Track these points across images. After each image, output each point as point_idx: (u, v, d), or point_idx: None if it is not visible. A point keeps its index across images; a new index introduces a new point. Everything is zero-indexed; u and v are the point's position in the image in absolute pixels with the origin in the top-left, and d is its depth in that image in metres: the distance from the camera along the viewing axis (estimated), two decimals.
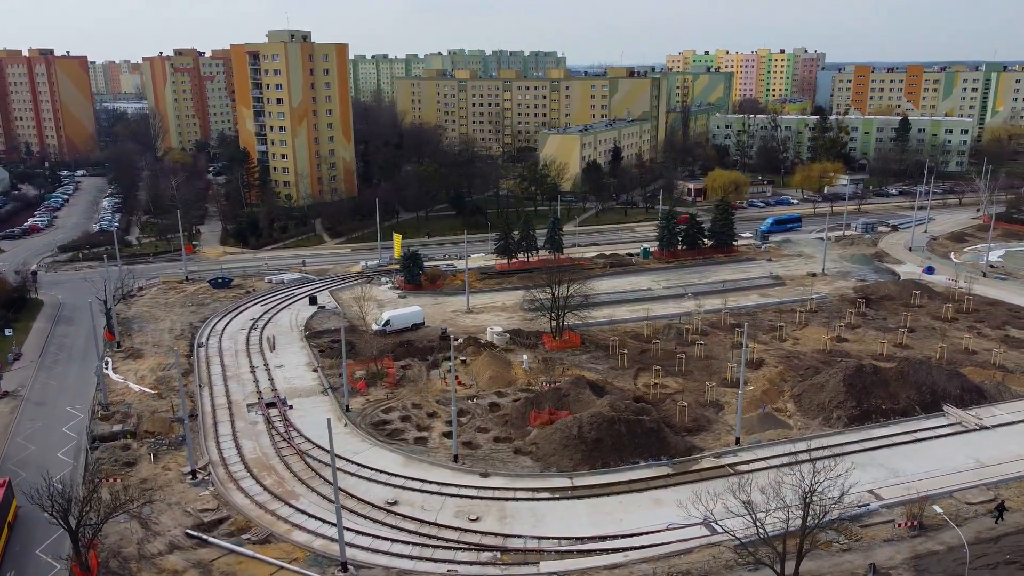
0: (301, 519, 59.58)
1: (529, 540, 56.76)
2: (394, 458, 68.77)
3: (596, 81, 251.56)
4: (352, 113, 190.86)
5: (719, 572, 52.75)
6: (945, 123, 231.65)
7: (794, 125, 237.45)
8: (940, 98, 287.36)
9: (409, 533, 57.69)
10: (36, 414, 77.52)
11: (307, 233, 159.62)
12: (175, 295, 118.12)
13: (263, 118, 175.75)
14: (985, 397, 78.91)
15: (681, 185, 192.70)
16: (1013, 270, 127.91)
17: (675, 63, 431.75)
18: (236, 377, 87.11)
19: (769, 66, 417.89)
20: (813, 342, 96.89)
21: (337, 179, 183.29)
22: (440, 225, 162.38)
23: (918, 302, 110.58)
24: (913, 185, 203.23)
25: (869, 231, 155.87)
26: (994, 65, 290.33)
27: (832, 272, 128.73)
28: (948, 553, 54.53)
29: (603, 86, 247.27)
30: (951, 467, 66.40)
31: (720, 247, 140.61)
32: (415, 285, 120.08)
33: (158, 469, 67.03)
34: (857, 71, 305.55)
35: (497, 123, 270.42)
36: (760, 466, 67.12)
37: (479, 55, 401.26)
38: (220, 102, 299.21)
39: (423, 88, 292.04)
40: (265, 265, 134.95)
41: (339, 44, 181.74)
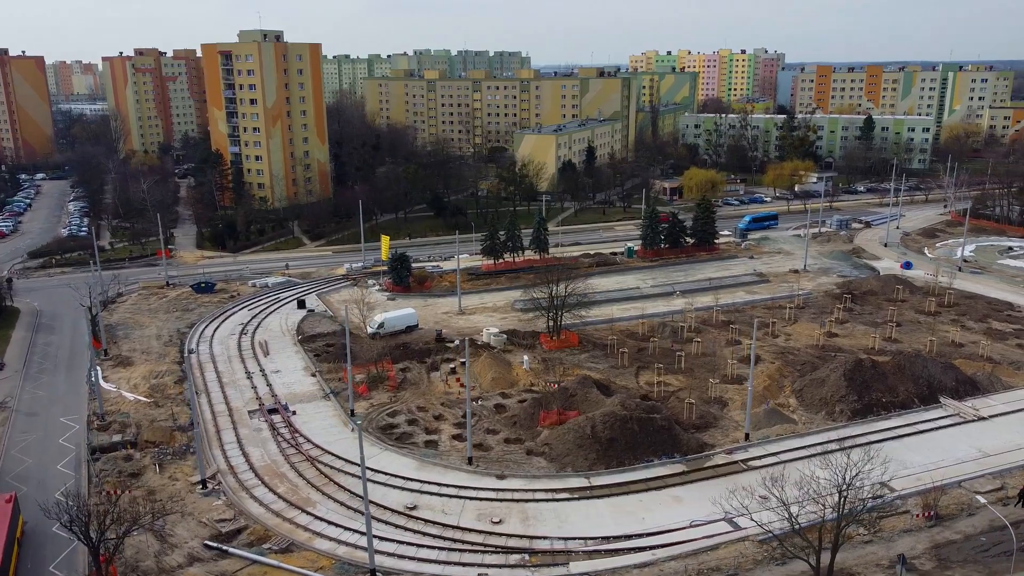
0: (321, 526, 58.58)
1: (555, 541, 56.63)
2: (407, 462, 68.04)
3: (566, 81, 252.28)
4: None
5: (748, 567, 53.19)
6: (907, 122, 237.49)
7: (762, 124, 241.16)
8: (899, 97, 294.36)
9: (433, 538, 57.14)
10: (28, 426, 75.01)
11: (285, 236, 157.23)
12: (157, 300, 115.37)
13: (236, 119, 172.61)
14: (979, 388, 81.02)
15: (656, 184, 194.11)
16: (986, 264, 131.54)
17: (638, 63, 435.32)
18: (233, 383, 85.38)
19: (731, 66, 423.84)
20: (805, 338, 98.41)
21: (312, 181, 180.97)
22: (421, 226, 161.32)
23: (900, 297, 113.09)
24: (879, 182, 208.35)
25: (844, 228, 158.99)
26: (950, 65, 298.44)
27: (813, 268, 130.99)
28: (966, 542, 55.82)
29: (573, 86, 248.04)
30: (955, 457, 67.97)
31: (702, 245, 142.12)
32: (403, 287, 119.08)
33: (165, 479, 65.38)
34: (819, 71, 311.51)
35: (467, 123, 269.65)
36: (771, 461, 67.95)
37: (445, 55, 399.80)
38: (183, 103, 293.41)
39: (391, 88, 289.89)
40: (246, 269, 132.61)
41: (312, 44, 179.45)
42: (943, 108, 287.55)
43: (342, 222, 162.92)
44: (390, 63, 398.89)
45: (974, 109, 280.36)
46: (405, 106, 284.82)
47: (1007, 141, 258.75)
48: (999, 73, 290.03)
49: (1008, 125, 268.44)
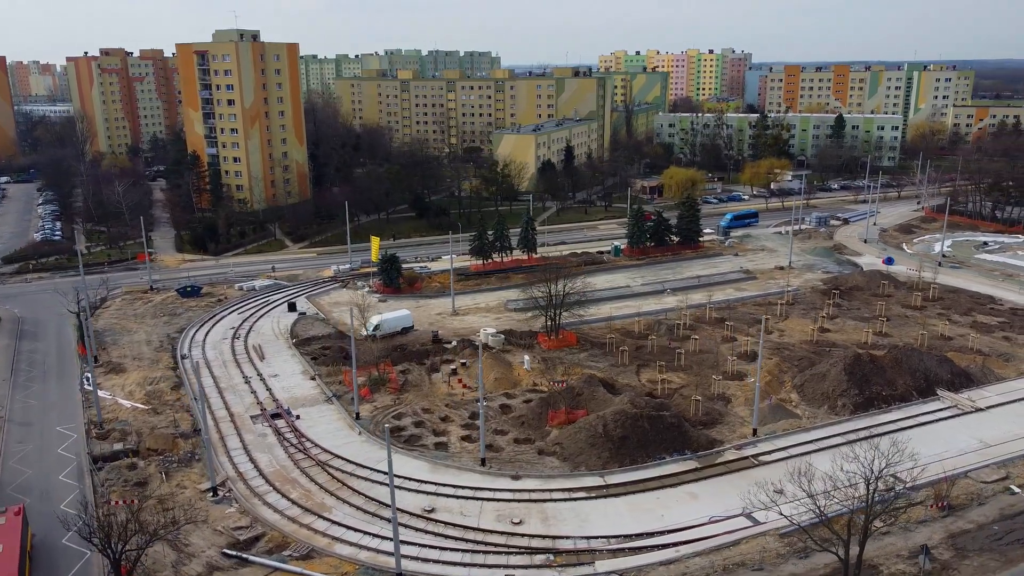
0: (339, 531, 57.83)
1: (578, 541, 56.57)
2: (419, 465, 67.46)
3: (542, 81, 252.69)
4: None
5: (772, 562, 53.66)
6: (877, 120, 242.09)
7: (735, 123, 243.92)
8: (866, 96, 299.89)
9: (455, 540, 56.72)
10: (23, 436, 72.92)
11: (266, 238, 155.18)
12: (142, 305, 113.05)
13: (213, 120, 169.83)
14: (972, 380, 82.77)
15: (636, 183, 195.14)
16: (964, 259, 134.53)
17: (608, 63, 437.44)
18: (231, 388, 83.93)
19: (699, 66, 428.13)
20: (798, 333, 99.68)
21: (291, 182, 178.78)
22: (404, 227, 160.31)
23: (886, 292, 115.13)
24: (852, 180, 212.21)
25: (823, 225, 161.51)
26: (915, 65, 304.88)
27: (798, 265, 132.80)
28: (979, 531, 56.93)
29: (549, 86, 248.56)
30: (958, 448, 69.30)
31: (687, 243, 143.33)
32: (394, 288, 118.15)
33: (172, 488, 64.00)
34: (788, 71, 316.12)
35: (443, 124, 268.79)
36: (781, 456, 68.70)
37: (416, 55, 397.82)
38: (151, 104, 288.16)
39: (364, 89, 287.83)
40: (231, 272, 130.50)
41: (290, 44, 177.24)
42: (908, 107, 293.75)
43: (324, 223, 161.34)
44: (360, 63, 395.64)
45: (938, 107, 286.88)
46: (378, 106, 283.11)
47: (971, 138, 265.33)
48: (961, 72, 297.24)
49: (971, 123, 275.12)
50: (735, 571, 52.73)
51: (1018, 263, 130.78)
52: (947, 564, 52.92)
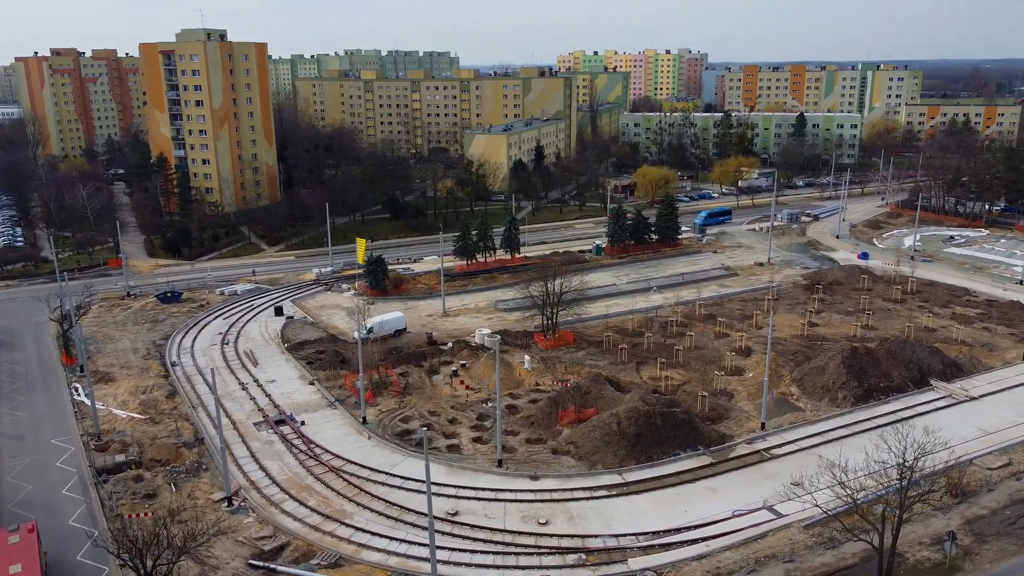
0: (364, 538, 56.89)
1: (607, 539, 56.63)
2: (436, 468, 66.46)
3: (508, 81, 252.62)
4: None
5: (801, 554, 54.40)
6: (836, 118, 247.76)
7: (699, 122, 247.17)
8: (822, 95, 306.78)
9: (484, 542, 56.28)
10: (18, 450, 70.13)
11: (240, 241, 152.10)
12: (122, 312, 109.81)
13: (180, 121, 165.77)
14: (962, 370, 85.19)
15: (607, 182, 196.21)
16: (934, 253, 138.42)
17: (566, 63, 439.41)
18: (229, 395, 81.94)
19: (656, 66, 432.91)
20: (788, 328, 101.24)
21: (261, 184, 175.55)
22: (381, 228, 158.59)
23: (866, 286, 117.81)
24: (816, 177, 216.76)
25: (795, 221, 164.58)
26: (869, 64, 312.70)
27: (777, 261, 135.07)
28: (993, 516, 58.59)
29: (515, 86, 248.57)
30: (960, 436, 71.07)
31: (665, 241, 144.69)
32: (380, 290, 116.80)
33: (184, 499, 62.25)
34: (746, 71, 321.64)
35: (408, 124, 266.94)
36: (791, 449, 69.78)
37: (375, 55, 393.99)
38: (105, 105, 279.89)
39: (326, 89, 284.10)
40: (209, 276, 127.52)
41: (258, 43, 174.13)
42: (863, 105, 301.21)
43: (298, 226, 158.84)
44: (316, 63, 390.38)
45: (892, 106, 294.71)
46: (341, 107, 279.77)
47: (923, 136, 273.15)
48: (911, 72, 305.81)
49: (923, 121, 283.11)
50: (767, 563, 53.35)
51: (986, 256, 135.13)
52: (968, 549, 54.32)
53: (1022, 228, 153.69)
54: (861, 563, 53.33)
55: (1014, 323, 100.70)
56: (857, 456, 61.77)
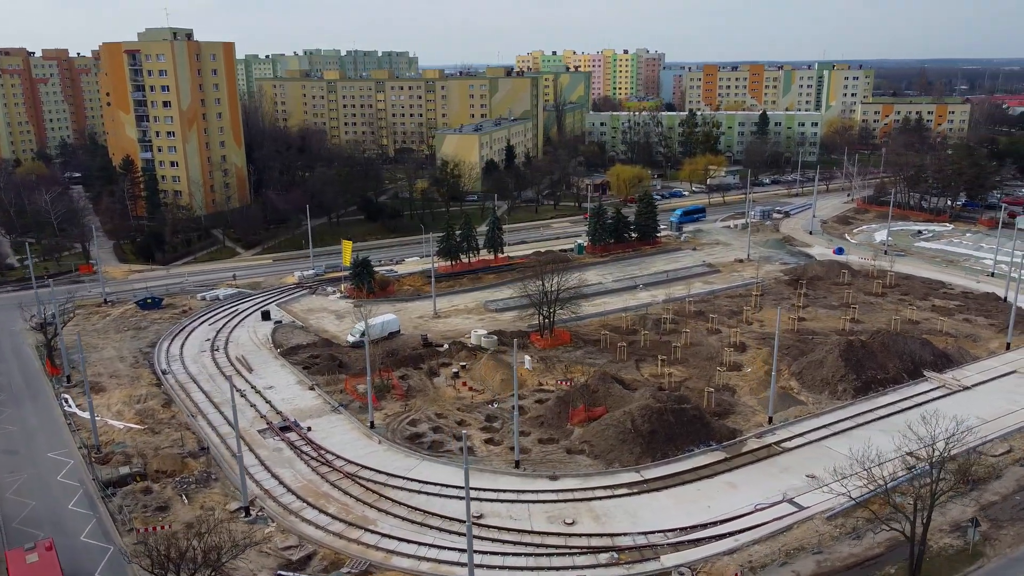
0: (392, 544, 56.05)
1: (636, 537, 56.71)
2: (451, 471, 66.06)
3: (474, 81, 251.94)
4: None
5: (828, 545, 55.21)
6: (798, 117, 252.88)
7: (665, 121, 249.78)
8: (780, 94, 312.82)
9: (514, 544, 55.90)
10: (14, 465, 67.40)
11: (213, 245, 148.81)
12: (101, 319, 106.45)
13: (147, 123, 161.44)
14: (952, 361, 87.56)
15: (579, 181, 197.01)
16: (905, 247, 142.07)
17: (525, 63, 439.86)
18: (227, 403, 79.43)
19: (615, 66, 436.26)
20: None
21: (230, 187, 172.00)
22: (358, 230, 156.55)
23: (846, 280, 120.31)
24: (780, 175, 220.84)
25: (767, 218, 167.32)
26: (825, 64, 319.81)
27: (756, 257, 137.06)
28: (1005, 502, 60.29)
29: (482, 86, 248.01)
30: (958, 426, 72.91)
31: (645, 239, 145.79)
32: (368, 293, 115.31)
33: (197, 510, 60.52)
34: (706, 70, 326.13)
35: (372, 125, 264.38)
36: (800, 442, 70.84)
37: (335, 55, 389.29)
38: (57, 107, 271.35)
39: (287, 89, 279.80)
40: (187, 281, 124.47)
41: (226, 43, 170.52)
42: (820, 104, 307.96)
43: (272, 229, 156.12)
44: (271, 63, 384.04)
45: (848, 104, 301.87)
46: (304, 108, 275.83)
47: (878, 133, 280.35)
48: (864, 71, 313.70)
49: (878, 119, 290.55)
50: (797, 556, 54.03)
51: (955, 250, 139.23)
52: (987, 535, 55.77)
53: (984, 222, 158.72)
54: (887, 552, 54.39)
55: (992, 314, 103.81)
56: (864, 447, 63.50)
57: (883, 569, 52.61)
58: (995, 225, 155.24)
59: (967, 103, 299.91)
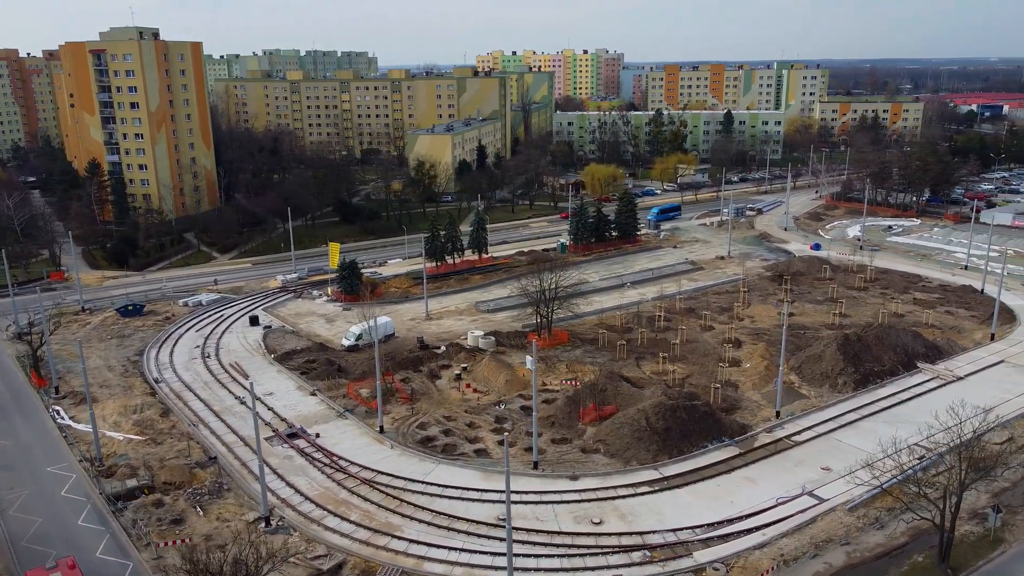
0: (421, 550, 55.18)
1: (666, 534, 56.83)
2: (471, 473, 65.53)
3: (442, 81, 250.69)
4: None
5: (854, 536, 56.03)
6: (761, 116, 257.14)
7: (632, 121, 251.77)
8: (741, 93, 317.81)
9: (545, 546, 55.54)
10: (13, 481, 64.70)
11: (187, 250, 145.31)
12: (80, 328, 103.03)
13: (114, 124, 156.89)
14: (942, 352, 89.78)
15: (554, 180, 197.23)
16: (878, 242, 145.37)
17: (485, 63, 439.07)
18: (228, 411, 78.09)
19: (575, 66, 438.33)
20: (767, 318, 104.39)
21: (200, 190, 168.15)
22: (336, 232, 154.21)
23: (827, 275, 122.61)
24: (748, 172, 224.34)
25: (741, 215, 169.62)
26: (784, 64, 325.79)
27: (736, 254, 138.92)
28: (1015, 488, 61.94)
29: (449, 86, 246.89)
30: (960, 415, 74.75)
31: (625, 238, 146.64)
32: (356, 296, 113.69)
33: (214, 522, 58.89)
34: (668, 70, 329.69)
35: (338, 126, 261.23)
36: (809, 435, 71.85)
37: (294, 55, 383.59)
38: (7, 109, 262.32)
39: (248, 90, 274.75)
40: (165, 287, 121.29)
41: (193, 42, 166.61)
42: (779, 103, 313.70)
43: (246, 232, 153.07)
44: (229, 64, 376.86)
45: (806, 103, 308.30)
46: (266, 109, 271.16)
47: (837, 131, 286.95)
48: (821, 71, 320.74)
49: (836, 117, 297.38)
50: (826, 548, 54.71)
51: (927, 244, 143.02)
52: (1004, 521, 57.19)
53: (950, 217, 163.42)
54: (911, 541, 55.45)
55: (971, 306, 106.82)
56: (872, 439, 65.58)
57: (911, 558, 53.58)
58: (960, 219, 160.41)
59: (920, 102, 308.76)
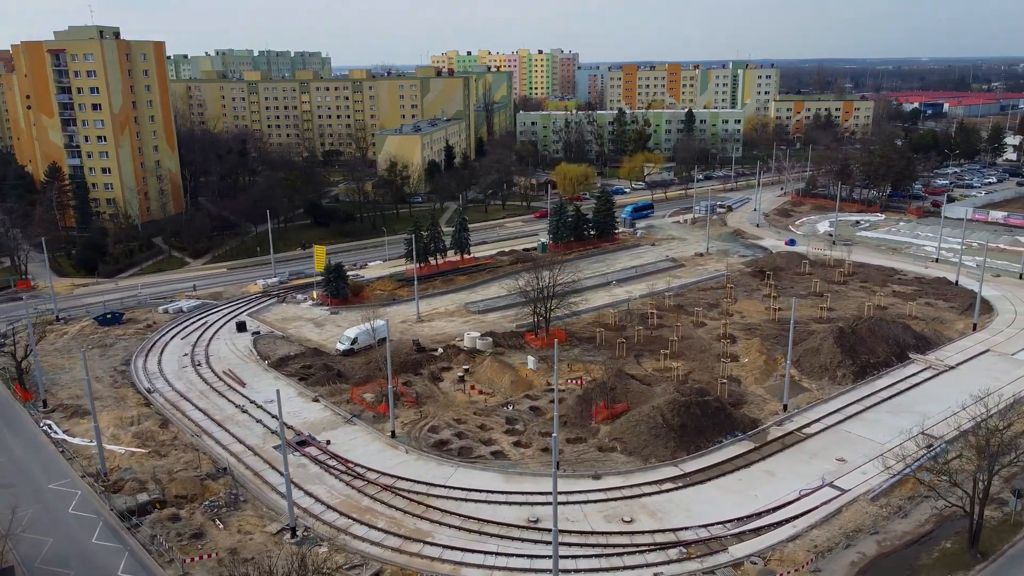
0: (456, 555, 54.41)
1: (698, 530, 57.08)
2: (491, 476, 64.86)
3: (405, 81, 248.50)
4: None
5: (881, 525, 57.05)
6: (721, 114, 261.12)
7: (597, 119, 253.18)
8: (698, 93, 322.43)
9: (580, 547, 55.24)
10: (14, 500, 61.13)
11: (158, 255, 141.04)
12: (58, 338, 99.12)
13: (75, 127, 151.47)
14: (930, 343, 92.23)
15: (523, 180, 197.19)
16: (849, 237, 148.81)
17: (440, 63, 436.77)
18: (230, 420, 75.89)
19: (530, 66, 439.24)
20: (755, 314, 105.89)
21: (165, 193, 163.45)
22: (310, 235, 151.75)
23: (806, 270, 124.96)
24: (711, 170, 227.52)
25: (713, 212, 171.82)
26: (739, 63, 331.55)
27: (714, 251, 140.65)
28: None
29: (412, 86, 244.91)
30: (957, 403, 75.65)
31: (604, 236, 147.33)
32: (342, 299, 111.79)
33: (235, 535, 57.11)
34: (625, 70, 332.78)
35: (299, 127, 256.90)
36: (819, 428, 73.00)
37: (247, 55, 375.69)
38: None
39: (204, 91, 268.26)
40: (141, 294, 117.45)
41: (156, 42, 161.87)
42: (735, 102, 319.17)
43: (216, 236, 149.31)
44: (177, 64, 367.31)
45: (761, 102, 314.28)
46: (223, 110, 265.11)
47: (791, 129, 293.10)
48: (775, 70, 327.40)
49: (791, 115, 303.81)
50: (856, 536, 55.60)
51: (895, 238, 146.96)
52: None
53: (913, 211, 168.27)
54: (936, 528, 56.73)
55: (949, 298, 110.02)
56: (880, 429, 67.46)
57: (939, 544, 54.80)
58: (923, 214, 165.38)
59: (870, 100, 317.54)
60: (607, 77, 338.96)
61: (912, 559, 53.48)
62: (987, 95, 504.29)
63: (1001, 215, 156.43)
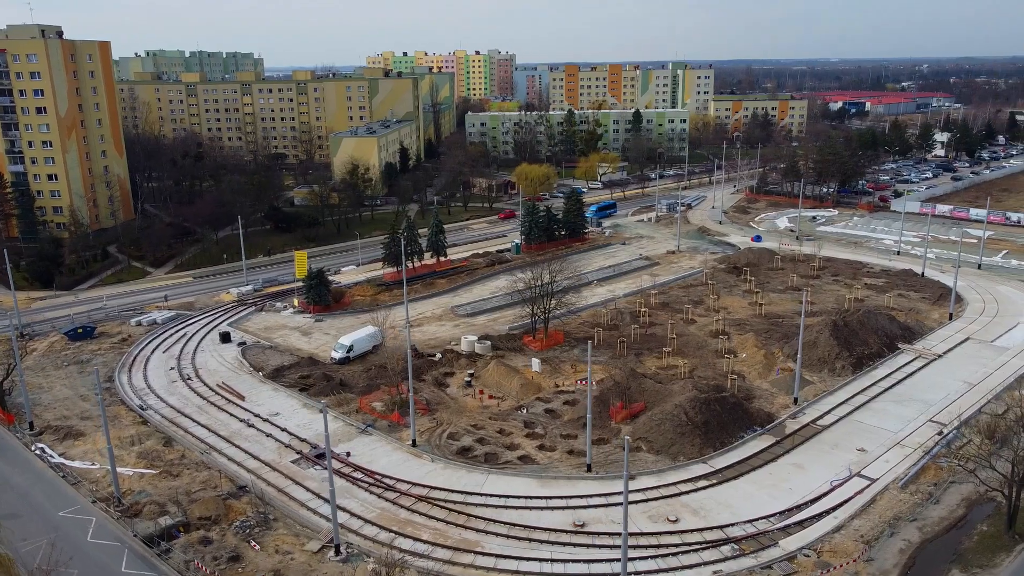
0: (511, 564, 53.35)
1: (744, 526, 57.50)
2: (524, 482, 63.97)
3: (352, 82, 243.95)
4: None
5: (918, 512, 58.54)
6: (668, 114, 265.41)
7: (547, 120, 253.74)
8: (639, 93, 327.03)
9: (632, 548, 54.82)
10: (25, 531, 57.42)
11: (116, 265, 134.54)
12: (27, 355, 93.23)
13: (17, 131, 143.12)
14: (915, 333, 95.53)
15: (483, 182, 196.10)
16: (810, 232, 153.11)
17: (376, 64, 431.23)
18: (237, 435, 72.78)
19: (467, 66, 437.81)
20: (740, 309, 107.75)
21: (115, 200, 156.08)
22: (276, 240, 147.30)
23: (779, 266, 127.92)
24: (662, 169, 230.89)
25: (674, 210, 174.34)
26: (678, 64, 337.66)
27: (684, 249, 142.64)
28: None
29: (360, 87, 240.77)
30: (955, 390, 79.87)
31: (574, 236, 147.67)
32: (325, 306, 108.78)
33: (274, 556, 54.71)
34: (567, 70, 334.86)
35: (241, 130, 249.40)
36: (832, 419, 74.60)
37: (179, 56, 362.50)
38: None
39: (137, 92, 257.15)
40: (107, 306, 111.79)
41: (101, 42, 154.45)
42: (676, 102, 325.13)
43: (175, 244, 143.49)
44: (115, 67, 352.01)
45: (700, 102, 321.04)
46: (159, 112, 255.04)
47: (731, 128, 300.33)
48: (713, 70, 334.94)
49: (729, 115, 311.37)
50: (898, 525, 56.90)
51: (854, 232, 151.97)
52: None
53: (863, 206, 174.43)
54: (968, 512, 58.59)
55: (919, 288, 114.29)
56: (890, 417, 70.00)
57: (976, 528, 56.60)
58: (874, 208, 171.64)
59: (804, 100, 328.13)
60: (547, 78, 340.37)
61: (954, 543, 55.06)
62: (904, 94, 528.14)
63: (947, 208, 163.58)
